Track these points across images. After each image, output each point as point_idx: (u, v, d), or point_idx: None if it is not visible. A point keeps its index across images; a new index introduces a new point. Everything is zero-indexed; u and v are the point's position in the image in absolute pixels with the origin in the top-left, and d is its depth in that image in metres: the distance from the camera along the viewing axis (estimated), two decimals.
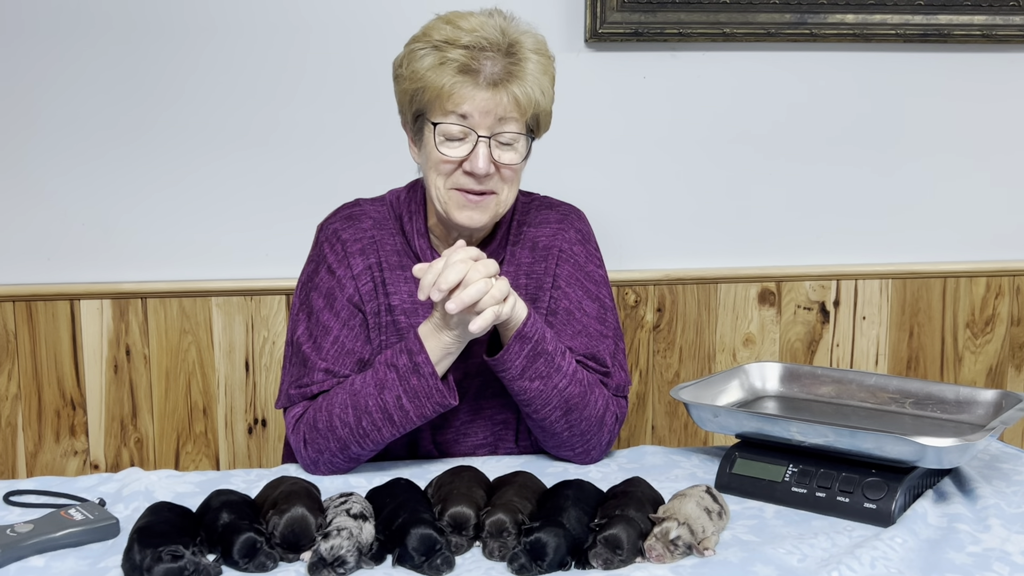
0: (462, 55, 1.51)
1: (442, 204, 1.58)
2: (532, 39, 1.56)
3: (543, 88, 1.56)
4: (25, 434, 2.26)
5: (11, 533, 1.26)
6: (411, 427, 1.54)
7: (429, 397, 1.51)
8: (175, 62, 2.22)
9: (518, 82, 1.52)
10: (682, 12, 2.30)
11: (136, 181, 2.25)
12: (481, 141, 1.52)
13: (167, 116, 2.23)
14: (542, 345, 1.54)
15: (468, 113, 1.52)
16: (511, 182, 1.58)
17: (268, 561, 1.22)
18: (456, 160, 1.54)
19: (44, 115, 2.20)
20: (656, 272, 2.39)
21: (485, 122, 1.52)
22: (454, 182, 1.56)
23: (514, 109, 1.53)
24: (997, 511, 1.38)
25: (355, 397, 1.53)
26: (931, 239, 2.50)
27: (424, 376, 1.50)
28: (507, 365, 1.53)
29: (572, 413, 1.57)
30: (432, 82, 1.52)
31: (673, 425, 2.46)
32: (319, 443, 1.55)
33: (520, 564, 1.21)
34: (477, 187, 1.55)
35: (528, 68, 1.53)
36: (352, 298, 1.62)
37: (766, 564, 1.23)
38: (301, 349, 1.62)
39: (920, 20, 2.37)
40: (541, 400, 1.55)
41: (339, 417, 1.53)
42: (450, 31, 1.53)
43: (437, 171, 1.56)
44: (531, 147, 1.61)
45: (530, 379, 1.54)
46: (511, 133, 1.54)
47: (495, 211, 1.59)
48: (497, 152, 1.54)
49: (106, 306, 2.24)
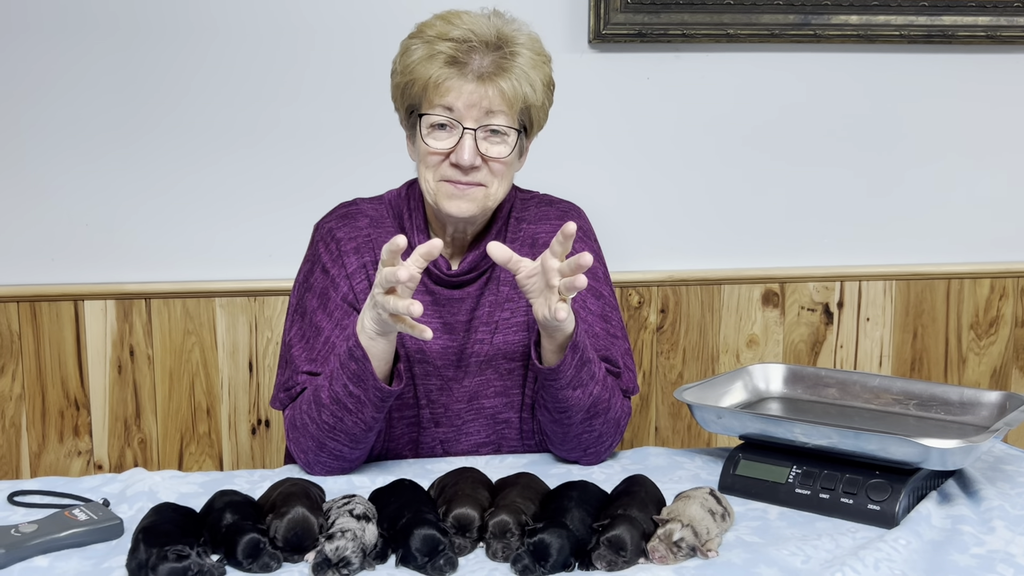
0: (450, 47, 1.52)
1: (432, 196, 1.58)
2: (525, 36, 1.56)
3: (533, 84, 1.55)
4: (29, 434, 2.26)
5: (15, 533, 1.27)
6: (371, 413, 1.49)
7: (367, 380, 1.47)
8: (179, 63, 2.22)
9: (506, 76, 1.52)
10: (686, 13, 2.30)
11: (140, 182, 2.25)
12: (467, 133, 1.53)
13: (171, 117, 2.24)
14: (587, 353, 1.52)
15: (454, 105, 1.52)
16: (501, 176, 1.58)
17: (272, 562, 1.22)
18: (443, 151, 1.54)
19: (48, 116, 2.20)
20: (659, 273, 2.39)
21: (472, 114, 1.52)
22: (441, 173, 1.56)
23: (502, 102, 1.53)
24: (1001, 513, 1.38)
25: (315, 392, 1.53)
26: (935, 240, 2.50)
27: (358, 360, 1.46)
28: (560, 375, 1.51)
29: (597, 418, 1.56)
30: (420, 75, 1.53)
31: (677, 426, 2.46)
32: (301, 442, 1.55)
33: (523, 565, 1.21)
34: (464, 179, 1.55)
35: (518, 63, 1.54)
36: (346, 297, 1.62)
37: (770, 566, 1.23)
38: (291, 351, 1.62)
39: (924, 21, 2.36)
40: (578, 407, 1.54)
41: (307, 415, 1.53)
42: (441, 26, 1.54)
43: (426, 164, 1.57)
44: (524, 144, 1.61)
45: (573, 387, 1.52)
46: (499, 126, 1.54)
47: (484, 203, 1.58)
48: (484, 145, 1.54)
49: (110, 307, 2.25)
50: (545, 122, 1.64)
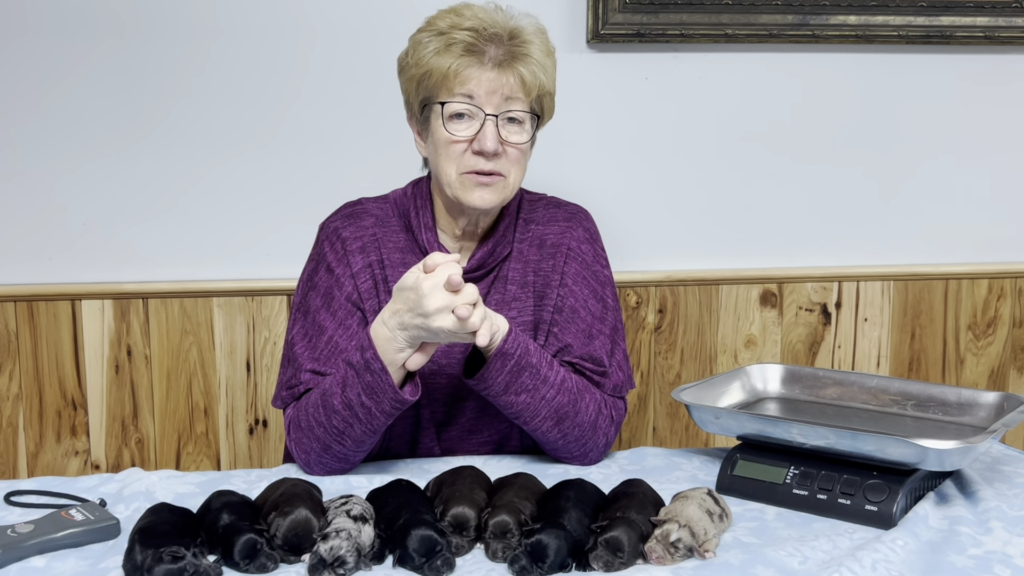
0: (467, 35, 1.53)
1: (452, 190, 1.58)
2: (534, 28, 1.59)
3: (547, 72, 1.58)
4: (26, 434, 2.26)
5: (12, 533, 1.26)
6: (381, 423, 1.51)
7: (384, 393, 1.47)
8: (177, 63, 2.22)
9: (523, 63, 1.54)
10: (684, 13, 2.30)
11: (138, 181, 2.25)
12: (488, 119, 1.53)
13: (169, 117, 2.23)
14: (526, 359, 1.52)
15: (474, 93, 1.53)
16: (518, 163, 1.59)
17: (269, 562, 1.22)
18: (465, 139, 1.55)
19: (46, 115, 2.20)
20: (657, 273, 2.39)
21: (492, 101, 1.54)
22: (465, 165, 1.56)
23: (520, 89, 1.55)
24: (999, 513, 1.38)
25: (325, 396, 1.52)
26: (933, 241, 2.50)
27: (375, 372, 1.46)
28: (488, 383, 1.51)
29: (564, 422, 1.56)
30: (438, 65, 1.54)
31: (674, 427, 2.46)
32: (304, 443, 1.55)
33: (521, 566, 1.21)
34: (487, 167, 1.55)
35: (532, 50, 1.55)
36: (351, 296, 1.62)
37: (767, 566, 1.23)
38: (294, 349, 1.62)
39: (922, 22, 2.37)
40: (530, 412, 1.54)
41: (314, 417, 1.53)
42: (453, 18, 1.56)
43: (447, 155, 1.57)
44: (536, 133, 1.61)
45: (515, 393, 1.52)
46: (518, 111, 1.55)
47: (503, 193, 1.59)
48: (505, 132, 1.55)
49: (107, 306, 2.24)
50: (554, 111, 1.65)
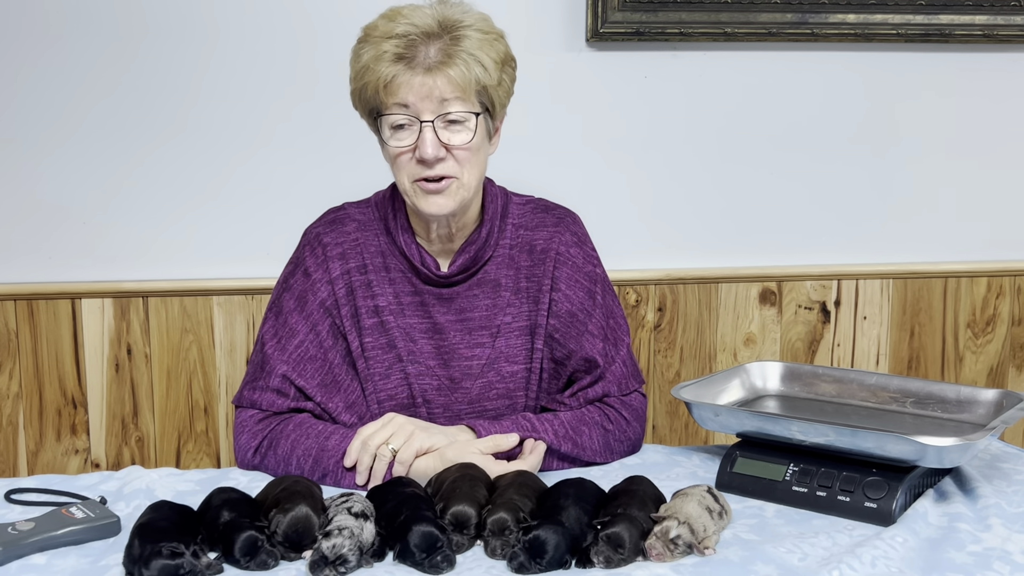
0: (395, 45, 1.51)
1: (410, 198, 1.58)
2: (472, 17, 1.55)
3: (483, 63, 1.53)
4: (26, 432, 2.26)
5: (12, 531, 1.27)
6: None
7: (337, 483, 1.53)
8: (177, 61, 2.22)
9: (453, 62, 1.51)
10: (683, 12, 2.30)
11: (138, 180, 2.25)
12: (425, 126, 1.51)
13: (168, 115, 2.23)
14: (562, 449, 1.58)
15: (408, 101, 1.51)
16: (468, 163, 1.56)
17: (269, 559, 1.22)
18: (407, 149, 1.54)
19: (46, 114, 2.20)
20: (657, 272, 2.39)
21: (427, 107, 1.51)
22: (412, 173, 1.55)
23: (453, 90, 1.51)
24: (998, 510, 1.38)
25: (321, 453, 1.53)
26: (932, 239, 2.50)
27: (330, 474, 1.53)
28: None
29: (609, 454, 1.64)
30: (371, 77, 1.53)
31: (674, 424, 2.46)
32: (270, 464, 1.56)
33: (519, 563, 1.21)
34: (432, 173, 1.54)
35: (464, 46, 1.52)
36: (325, 302, 1.63)
37: (767, 563, 1.23)
38: (264, 349, 1.62)
39: (921, 20, 2.37)
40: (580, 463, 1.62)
41: (298, 459, 1.54)
42: (384, 25, 1.54)
43: (397, 166, 1.57)
44: (491, 126, 1.59)
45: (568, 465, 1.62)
46: (457, 112, 1.52)
47: (460, 195, 1.57)
48: (446, 135, 1.53)
49: (107, 305, 2.24)
50: (508, 99, 1.62)
